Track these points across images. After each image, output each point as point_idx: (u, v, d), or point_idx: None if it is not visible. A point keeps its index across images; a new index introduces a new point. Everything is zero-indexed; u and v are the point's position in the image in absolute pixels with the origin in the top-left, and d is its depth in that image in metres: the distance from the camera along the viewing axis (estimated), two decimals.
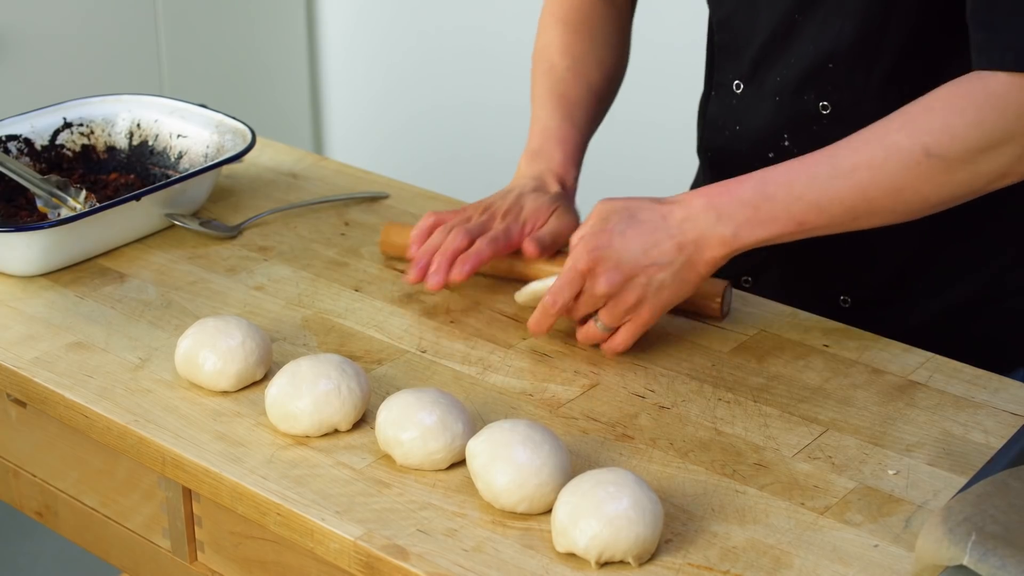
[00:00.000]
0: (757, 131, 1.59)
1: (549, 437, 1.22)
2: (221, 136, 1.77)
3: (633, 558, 1.14)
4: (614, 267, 1.38)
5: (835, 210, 1.34)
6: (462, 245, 1.51)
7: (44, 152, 1.79)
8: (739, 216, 1.36)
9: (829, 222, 1.35)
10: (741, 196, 1.36)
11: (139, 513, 1.42)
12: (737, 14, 1.59)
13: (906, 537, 1.18)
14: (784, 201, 1.34)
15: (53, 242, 1.57)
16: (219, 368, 1.36)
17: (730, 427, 1.33)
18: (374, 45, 3.66)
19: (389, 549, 1.16)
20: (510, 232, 1.53)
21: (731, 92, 1.62)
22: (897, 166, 1.31)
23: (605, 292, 1.39)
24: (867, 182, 1.32)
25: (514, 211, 1.55)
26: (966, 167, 1.30)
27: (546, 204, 1.56)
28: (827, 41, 1.49)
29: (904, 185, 1.31)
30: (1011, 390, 1.39)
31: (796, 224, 1.35)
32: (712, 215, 1.36)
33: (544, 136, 1.65)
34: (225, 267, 1.63)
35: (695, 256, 1.37)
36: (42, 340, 1.47)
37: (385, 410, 1.28)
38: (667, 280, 1.38)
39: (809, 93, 1.52)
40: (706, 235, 1.37)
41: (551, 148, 1.63)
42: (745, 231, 1.36)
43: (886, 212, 1.34)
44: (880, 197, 1.32)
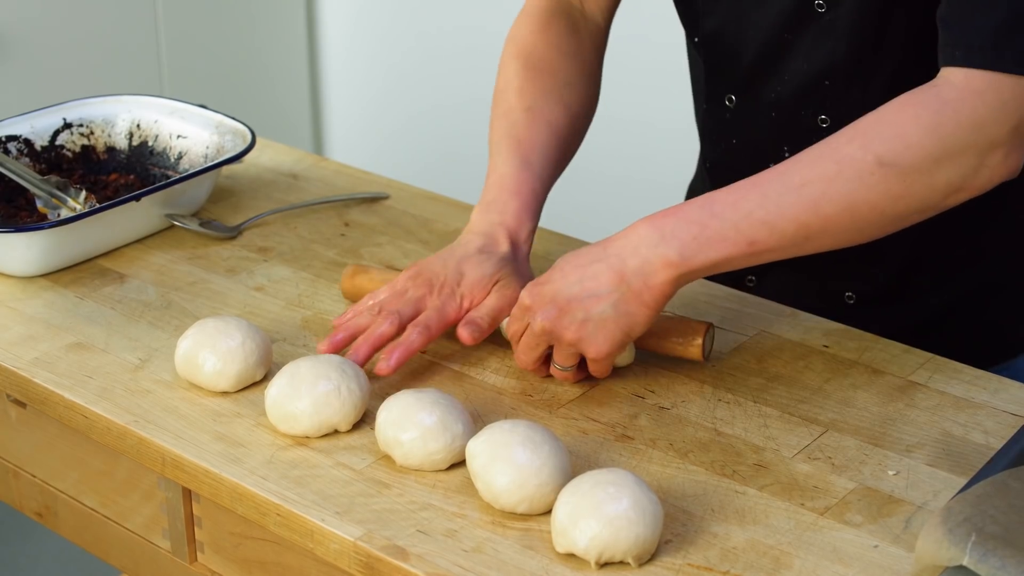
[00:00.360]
0: (756, 144, 1.56)
1: (549, 438, 1.22)
2: (221, 137, 1.77)
3: (633, 558, 1.14)
4: (550, 302, 1.33)
5: (786, 228, 1.28)
6: (388, 332, 1.41)
7: (44, 153, 1.79)
8: (684, 235, 1.29)
9: (780, 242, 1.29)
10: (687, 216, 1.30)
11: (139, 514, 1.42)
12: (722, 33, 1.55)
13: (906, 538, 1.18)
14: (732, 219, 1.28)
15: (53, 243, 1.57)
16: (219, 369, 1.36)
17: (730, 428, 1.33)
18: (374, 45, 3.66)
19: (389, 550, 1.16)
20: (445, 312, 1.43)
21: (723, 106, 1.58)
22: (850, 178, 1.26)
23: (540, 328, 1.34)
24: (819, 196, 1.27)
25: (451, 284, 1.44)
26: (921, 178, 1.25)
27: (488, 274, 1.45)
28: (821, 60, 1.46)
29: (857, 198, 1.26)
30: (1011, 391, 1.39)
31: (746, 243, 1.29)
32: (655, 236, 1.30)
33: (499, 185, 1.52)
34: (225, 268, 1.63)
35: (638, 284, 1.30)
36: (42, 341, 1.47)
37: (385, 411, 1.28)
38: (607, 312, 1.31)
39: (807, 109, 1.50)
40: (649, 260, 1.30)
41: (505, 199, 1.51)
42: (691, 251, 1.29)
43: (839, 230, 1.29)
44: (833, 213, 1.27)
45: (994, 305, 1.58)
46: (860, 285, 1.58)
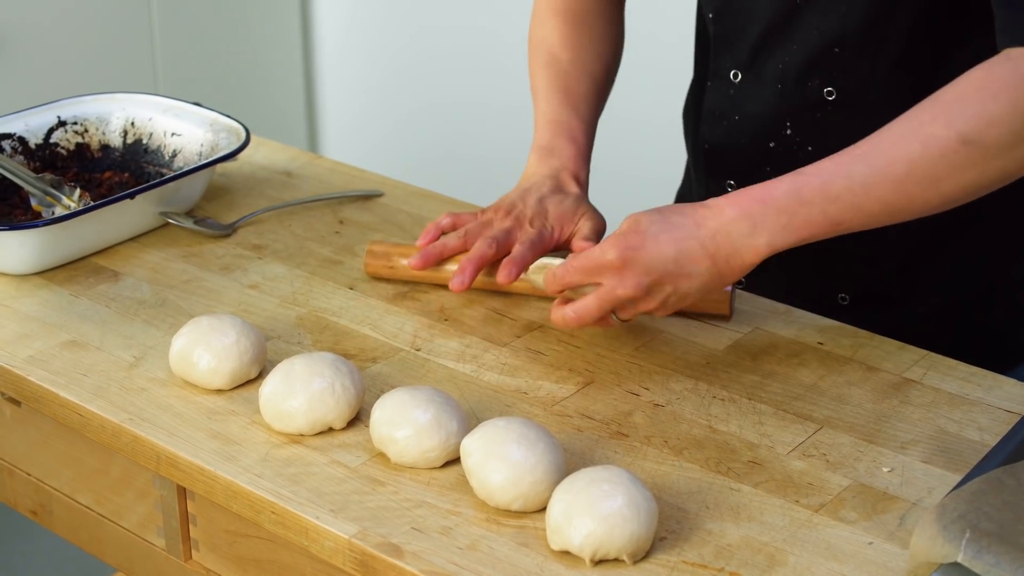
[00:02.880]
0: (757, 121, 1.57)
1: (544, 435, 1.22)
2: (215, 134, 1.77)
3: (628, 556, 1.14)
4: (644, 271, 1.33)
5: (873, 208, 1.29)
6: (489, 254, 1.50)
7: (38, 151, 1.79)
8: (774, 224, 1.31)
9: (866, 220, 1.31)
10: (776, 203, 1.30)
11: (134, 512, 1.42)
12: (734, 2, 1.56)
13: (900, 535, 1.18)
14: (820, 204, 1.30)
15: (47, 241, 1.57)
16: (213, 367, 1.36)
17: (724, 425, 1.33)
18: (369, 43, 3.66)
19: (384, 547, 1.16)
20: (544, 237, 1.51)
21: (729, 83, 1.59)
22: (934, 157, 1.27)
23: (630, 296, 1.34)
24: (904, 176, 1.28)
25: (540, 216, 1.52)
26: (1002, 153, 1.26)
27: (571, 209, 1.53)
28: (833, 26, 1.47)
29: (942, 176, 1.27)
30: (1005, 387, 1.39)
31: (832, 225, 1.31)
32: (746, 225, 1.31)
33: (554, 131, 1.62)
34: (219, 265, 1.63)
35: (725, 268, 1.33)
36: (36, 339, 1.47)
37: (379, 408, 1.28)
38: (692, 290, 1.34)
39: (814, 79, 1.50)
40: (739, 247, 1.32)
41: (563, 144, 1.61)
42: (780, 238, 1.31)
43: (924, 205, 1.30)
44: (919, 192, 1.28)
45: (994, 311, 1.58)
46: (853, 286, 1.58)
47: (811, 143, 1.53)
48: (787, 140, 1.54)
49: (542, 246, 1.50)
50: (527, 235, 1.50)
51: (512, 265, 1.47)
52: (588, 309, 1.37)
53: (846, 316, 1.55)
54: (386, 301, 1.55)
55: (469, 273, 1.48)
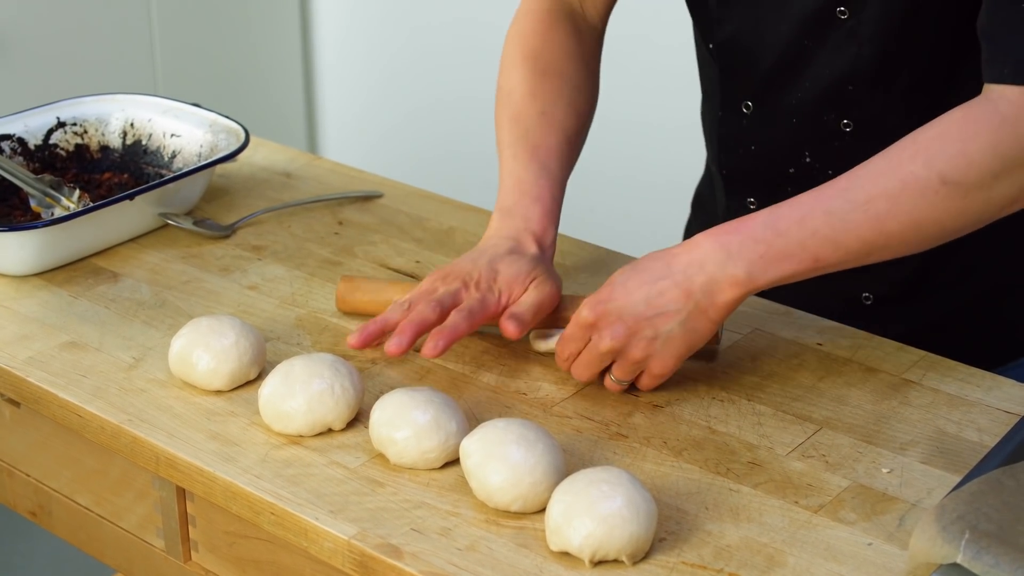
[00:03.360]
0: (775, 150, 1.55)
1: (543, 436, 1.22)
2: (215, 135, 1.77)
3: (627, 557, 1.14)
4: (617, 320, 1.31)
5: (851, 244, 1.29)
6: (431, 317, 1.38)
7: (37, 152, 1.79)
8: (750, 254, 1.29)
9: (844, 258, 1.30)
10: (752, 233, 1.29)
11: (133, 512, 1.42)
12: (739, 38, 1.54)
13: (900, 535, 1.18)
14: (798, 237, 1.29)
15: (47, 242, 1.57)
16: (213, 367, 1.36)
17: (724, 426, 1.33)
18: (368, 44, 3.66)
19: (383, 548, 1.16)
20: (486, 303, 1.40)
21: (740, 113, 1.57)
22: (914, 196, 1.27)
23: (609, 348, 1.32)
24: (884, 214, 1.27)
25: (487, 279, 1.42)
26: (981, 193, 1.26)
27: (524, 271, 1.43)
28: (843, 66, 1.45)
29: (921, 215, 1.27)
30: (1005, 388, 1.39)
31: (812, 260, 1.29)
32: (721, 255, 1.30)
33: (519, 191, 1.50)
34: (219, 266, 1.63)
35: (704, 302, 1.30)
36: (36, 340, 1.47)
37: (379, 409, 1.28)
38: (675, 330, 1.31)
39: (829, 113, 1.49)
40: (716, 278, 1.30)
41: (527, 205, 1.49)
42: (758, 269, 1.29)
43: (901, 245, 1.30)
44: (897, 230, 1.28)
45: (1009, 304, 1.58)
46: (877, 286, 1.57)
47: (832, 168, 1.50)
48: (807, 167, 1.53)
49: (483, 314, 1.40)
50: (467, 302, 1.40)
51: (440, 337, 1.36)
52: (579, 366, 1.37)
53: (870, 316, 1.55)
54: None
55: (408, 336, 1.37)
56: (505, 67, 1.61)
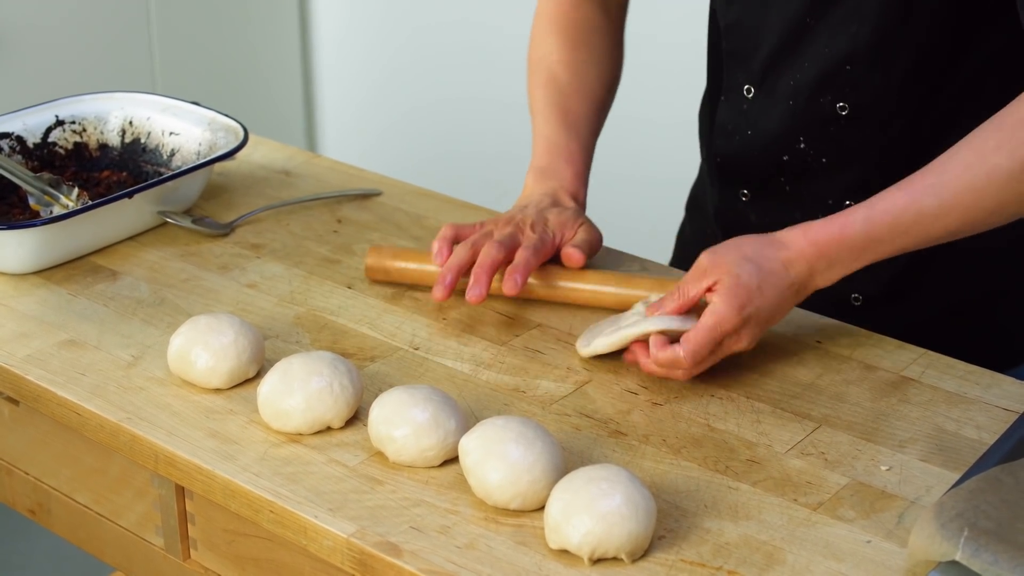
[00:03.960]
0: (770, 135, 1.57)
1: (542, 434, 1.22)
2: (213, 133, 1.77)
3: (626, 554, 1.14)
4: (757, 326, 1.36)
5: (939, 235, 1.35)
6: (499, 257, 1.48)
7: (36, 150, 1.79)
8: (848, 259, 1.36)
9: (927, 244, 1.36)
10: (851, 243, 1.35)
11: (132, 511, 1.42)
12: (744, 20, 1.56)
13: (899, 533, 1.18)
14: (889, 238, 1.34)
15: (45, 240, 1.57)
16: (211, 366, 1.36)
17: (723, 423, 1.33)
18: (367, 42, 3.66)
19: (382, 546, 1.16)
20: (545, 241, 1.51)
21: (742, 97, 1.59)
22: (999, 186, 1.30)
23: (744, 348, 1.37)
24: (970, 205, 1.32)
25: (540, 223, 1.53)
26: None
27: (571, 218, 1.55)
28: (843, 44, 1.47)
29: (1008, 202, 1.31)
30: (1004, 386, 1.39)
31: (898, 251, 1.36)
32: (824, 263, 1.36)
33: (552, 153, 1.63)
34: (217, 265, 1.63)
35: (802, 291, 1.38)
36: (35, 338, 1.47)
37: (378, 407, 1.28)
38: (775, 315, 1.38)
39: (826, 95, 1.50)
40: (817, 282, 1.37)
41: (560, 166, 1.62)
42: (851, 269, 1.37)
43: (984, 227, 1.35)
44: (982, 217, 1.33)
45: (1003, 309, 1.58)
46: (866, 286, 1.58)
47: (825, 155, 1.53)
48: (801, 153, 1.55)
49: (544, 250, 1.50)
50: (529, 240, 1.50)
51: (516, 273, 1.47)
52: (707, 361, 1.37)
53: (859, 316, 1.55)
54: (384, 300, 1.55)
55: (484, 283, 1.47)
56: (536, 38, 1.72)
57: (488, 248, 1.49)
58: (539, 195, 1.59)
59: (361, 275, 1.60)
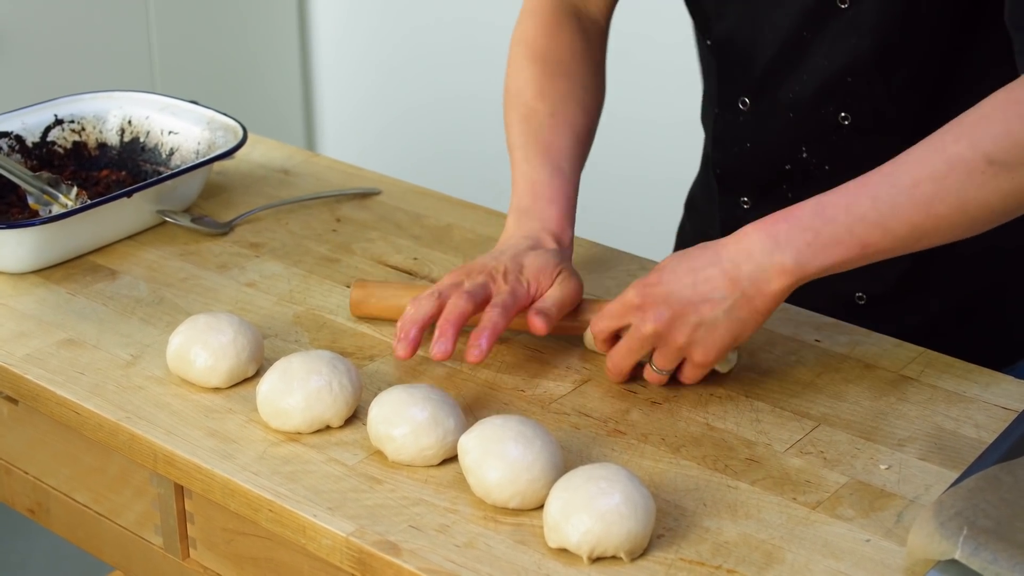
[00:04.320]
0: (771, 147, 1.55)
1: (541, 433, 1.22)
2: (212, 132, 1.77)
3: (625, 553, 1.14)
4: (662, 303, 1.30)
5: (899, 229, 1.27)
6: (467, 309, 1.38)
7: (35, 149, 1.79)
8: (798, 242, 1.28)
9: (893, 244, 1.29)
10: (799, 222, 1.28)
11: (131, 510, 1.42)
12: (735, 37, 1.54)
13: (898, 531, 1.18)
14: (846, 223, 1.27)
15: (44, 239, 1.57)
16: (210, 365, 1.36)
17: (722, 422, 1.33)
18: (366, 41, 3.66)
19: (381, 545, 1.16)
20: (517, 295, 1.40)
21: (737, 111, 1.57)
22: (961, 177, 1.25)
23: (652, 331, 1.31)
24: (931, 197, 1.26)
25: (514, 272, 1.42)
26: None
27: (550, 264, 1.43)
28: (843, 56, 1.45)
29: (968, 197, 1.26)
30: (1003, 385, 1.39)
31: (860, 247, 1.28)
32: (769, 243, 1.28)
33: (534, 193, 1.51)
34: (216, 264, 1.63)
35: (751, 290, 1.29)
36: (33, 337, 1.47)
37: (377, 406, 1.28)
38: (720, 318, 1.29)
39: (828, 107, 1.49)
40: (763, 266, 1.28)
41: (543, 206, 1.50)
42: (806, 257, 1.27)
43: (949, 228, 1.29)
44: (946, 212, 1.27)
45: (1007, 306, 1.58)
46: (870, 285, 1.57)
47: (828, 163, 1.52)
48: (803, 162, 1.53)
49: (516, 307, 1.40)
50: (499, 296, 1.40)
51: (481, 338, 1.36)
52: (619, 352, 1.36)
53: (863, 315, 1.54)
54: None
55: (450, 336, 1.36)
56: (513, 68, 1.62)
57: (455, 300, 1.38)
58: (518, 238, 1.48)
59: (360, 274, 1.60)
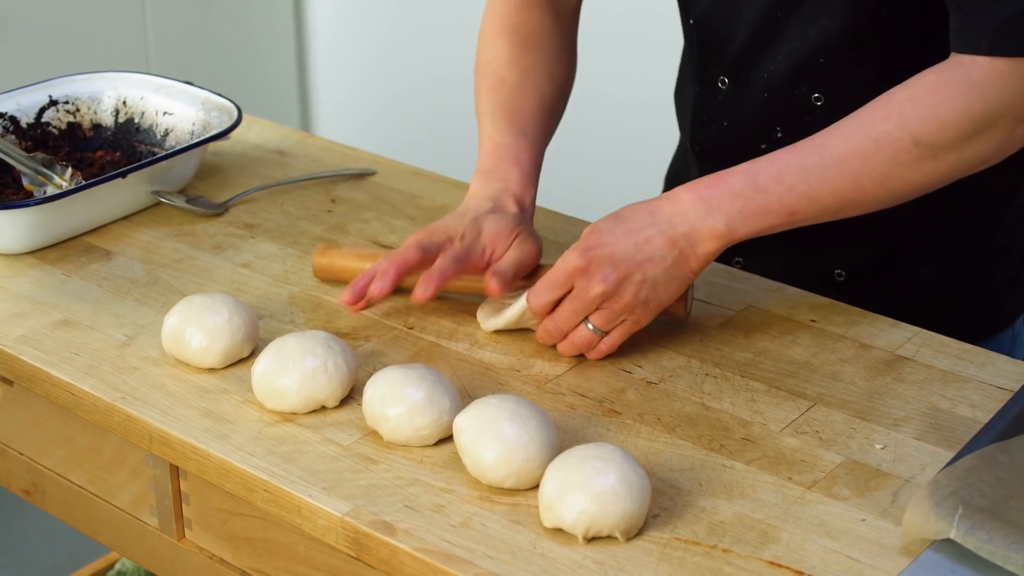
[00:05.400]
0: (747, 126, 1.57)
1: (536, 413, 1.22)
2: (207, 113, 1.76)
3: (620, 533, 1.14)
4: (608, 263, 1.33)
5: (826, 200, 1.33)
6: (413, 258, 1.42)
7: (30, 130, 1.78)
8: (730, 208, 1.33)
9: (819, 212, 1.34)
10: (731, 188, 1.33)
11: (127, 491, 1.42)
12: (714, 14, 1.56)
13: (893, 511, 1.18)
14: (775, 192, 1.33)
15: (39, 220, 1.57)
16: (206, 345, 1.36)
17: (717, 402, 1.33)
18: (361, 22, 3.65)
19: (376, 525, 1.16)
20: (471, 254, 1.44)
21: (716, 89, 1.59)
22: (887, 156, 1.31)
23: (601, 291, 1.33)
24: (858, 172, 1.32)
25: (471, 234, 1.45)
26: (951, 154, 1.31)
27: (507, 228, 1.46)
28: (815, 37, 1.47)
29: (893, 174, 1.31)
30: (998, 364, 1.39)
31: (787, 214, 1.33)
32: (702, 208, 1.33)
33: (498, 155, 1.54)
34: (212, 244, 1.63)
35: (687, 250, 1.34)
36: (28, 318, 1.47)
37: (372, 386, 1.28)
38: (660, 276, 1.34)
39: (801, 87, 1.51)
40: (697, 228, 1.34)
41: (506, 167, 1.52)
42: (736, 222, 1.33)
43: (874, 201, 1.34)
44: (871, 187, 1.32)
45: (981, 281, 1.59)
46: (849, 262, 1.58)
47: None
48: (779, 142, 1.54)
49: (469, 262, 1.43)
50: (452, 250, 1.43)
51: (428, 280, 1.39)
52: (563, 316, 1.37)
53: (842, 292, 1.55)
54: None
55: (390, 277, 1.41)
56: (484, 41, 1.65)
57: (404, 250, 1.43)
58: (479, 200, 1.50)
59: None
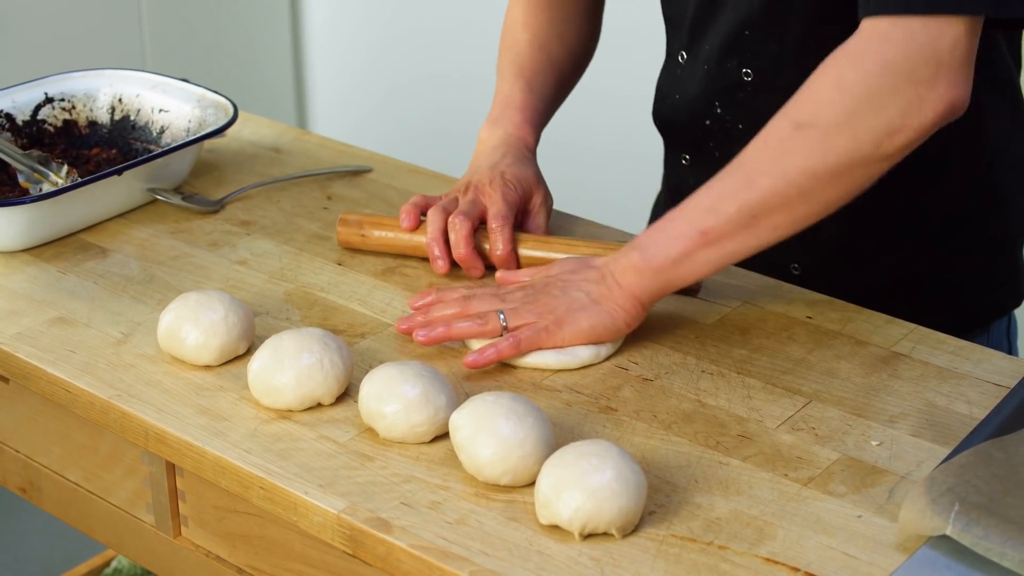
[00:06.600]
0: (693, 100, 1.61)
1: (532, 410, 1.22)
2: (203, 110, 1.76)
3: (616, 530, 1.14)
4: (543, 272, 1.43)
5: (728, 209, 1.31)
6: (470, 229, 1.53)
7: (25, 127, 1.78)
8: (645, 239, 1.37)
9: (728, 226, 1.32)
10: (654, 226, 1.37)
11: (123, 488, 1.42)
12: None
13: (889, 508, 1.18)
14: (683, 214, 1.35)
15: (35, 217, 1.57)
16: (202, 342, 1.36)
17: (713, 399, 1.33)
18: (357, 18, 3.65)
19: (372, 522, 1.16)
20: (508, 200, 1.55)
21: (676, 63, 1.64)
22: (772, 146, 1.30)
23: (525, 283, 1.42)
24: (751, 170, 1.31)
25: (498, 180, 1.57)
26: (842, 131, 1.26)
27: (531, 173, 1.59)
28: (742, 10, 1.51)
29: (786, 164, 1.29)
30: (994, 361, 1.39)
31: (699, 234, 1.33)
32: (627, 247, 1.39)
33: (504, 104, 1.67)
34: (208, 241, 1.62)
35: (612, 283, 1.38)
36: (24, 315, 1.47)
37: (368, 383, 1.28)
38: (584, 299, 1.38)
39: (732, 61, 1.54)
40: (620, 262, 1.38)
41: (511, 114, 1.65)
42: (651, 251, 1.36)
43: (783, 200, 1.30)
44: (768, 183, 1.30)
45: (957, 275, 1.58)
46: (804, 255, 1.58)
47: (740, 122, 1.57)
48: (719, 118, 1.58)
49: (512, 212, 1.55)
50: (494, 207, 1.54)
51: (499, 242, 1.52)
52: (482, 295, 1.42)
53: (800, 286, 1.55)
54: (374, 276, 1.55)
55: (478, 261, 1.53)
56: (509, 6, 1.76)
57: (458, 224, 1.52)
58: (490, 148, 1.63)
59: (351, 252, 1.60)
